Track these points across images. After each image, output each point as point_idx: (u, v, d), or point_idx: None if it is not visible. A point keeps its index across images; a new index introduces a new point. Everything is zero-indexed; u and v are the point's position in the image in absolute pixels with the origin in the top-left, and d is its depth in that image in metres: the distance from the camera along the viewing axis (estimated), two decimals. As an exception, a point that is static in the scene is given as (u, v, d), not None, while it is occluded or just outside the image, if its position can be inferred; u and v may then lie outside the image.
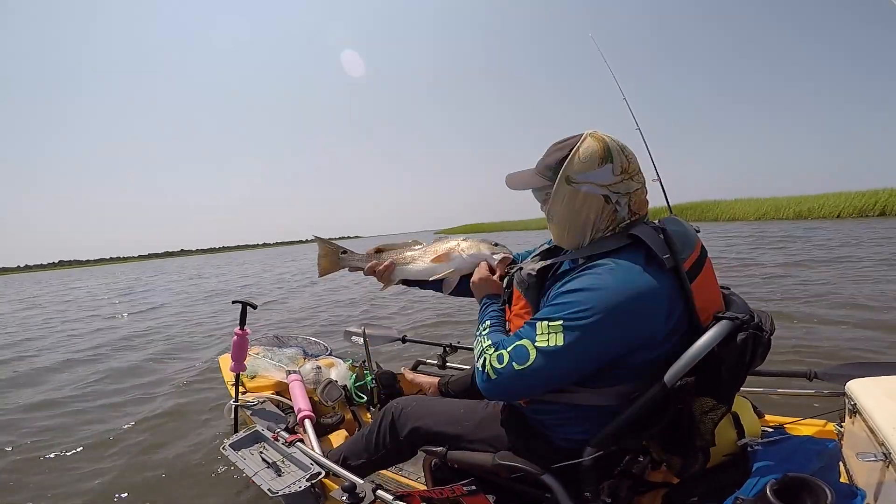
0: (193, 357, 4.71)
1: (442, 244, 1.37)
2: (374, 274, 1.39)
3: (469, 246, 1.32)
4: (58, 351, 5.64)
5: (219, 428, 2.72)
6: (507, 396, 0.98)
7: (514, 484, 1.06)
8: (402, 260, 1.40)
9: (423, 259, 1.37)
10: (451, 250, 1.33)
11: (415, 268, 1.38)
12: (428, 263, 1.35)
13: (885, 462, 0.92)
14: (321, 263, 1.48)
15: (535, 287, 1.02)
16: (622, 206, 0.94)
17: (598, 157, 0.92)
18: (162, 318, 7.88)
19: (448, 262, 1.32)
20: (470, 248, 1.31)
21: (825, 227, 14.05)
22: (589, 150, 0.92)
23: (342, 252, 1.47)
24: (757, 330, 0.90)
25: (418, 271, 1.38)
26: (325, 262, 1.48)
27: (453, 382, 1.69)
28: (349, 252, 1.47)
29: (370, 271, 1.40)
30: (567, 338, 0.83)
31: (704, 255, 0.95)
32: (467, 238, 1.35)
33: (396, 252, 1.42)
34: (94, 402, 3.48)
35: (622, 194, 0.94)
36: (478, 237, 1.36)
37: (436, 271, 1.34)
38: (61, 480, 2.29)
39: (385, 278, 1.39)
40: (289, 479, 1.30)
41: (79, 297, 12.81)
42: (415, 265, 1.38)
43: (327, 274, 1.49)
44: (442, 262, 1.33)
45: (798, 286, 5.36)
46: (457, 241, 1.35)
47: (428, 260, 1.35)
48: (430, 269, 1.35)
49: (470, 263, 1.29)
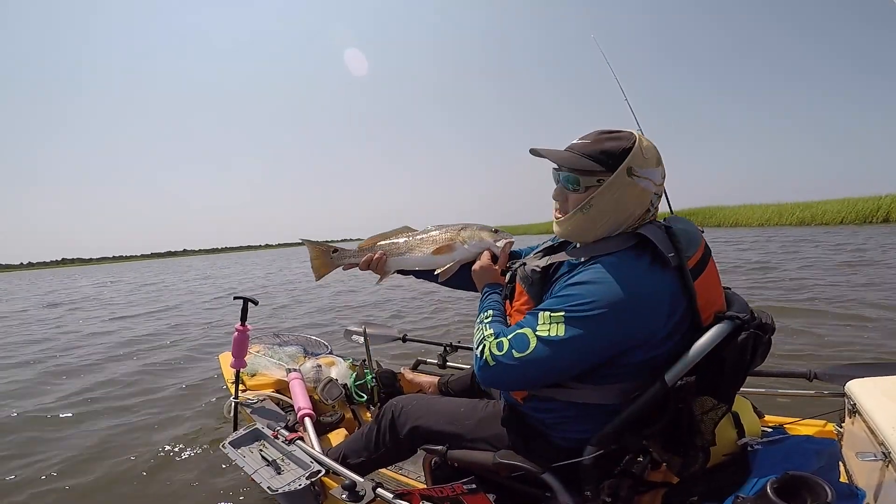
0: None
1: (440, 233, 1.31)
2: (370, 267, 1.37)
3: (470, 235, 1.27)
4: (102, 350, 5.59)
5: (218, 425, 2.72)
6: (504, 384, 0.97)
7: (515, 483, 1.06)
8: (397, 250, 1.35)
9: (420, 249, 1.33)
10: (453, 240, 1.28)
11: (413, 258, 1.34)
12: (428, 255, 1.31)
13: (884, 462, 0.93)
14: (315, 266, 1.46)
15: (538, 283, 1.01)
16: (654, 209, 0.97)
17: (656, 157, 0.94)
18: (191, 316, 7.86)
19: (451, 253, 1.28)
20: (472, 237, 1.27)
21: (843, 232, 13.93)
22: (650, 149, 0.93)
23: (333, 251, 1.44)
24: (758, 330, 0.90)
25: (417, 262, 1.34)
26: (318, 264, 1.45)
27: (453, 381, 1.69)
28: (340, 250, 1.44)
29: (365, 265, 1.37)
30: (568, 329, 0.83)
31: (708, 255, 0.95)
32: (466, 226, 1.30)
33: (390, 242, 1.37)
34: (95, 405, 3.48)
35: (658, 197, 0.97)
36: (475, 224, 1.31)
37: (437, 263, 1.30)
38: (54, 472, 2.29)
39: (380, 270, 1.36)
40: (288, 477, 1.30)
41: (112, 298, 12.38)
42: (412, 255, 1.34)
43: (323, 276, 1.46)
44: (444, 253, 1.29)
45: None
46: (456, 230, 1.30)
47: (428, 251, 1.31)
48: (430, 261, 1.31)
49: (473, 253, 1.26)
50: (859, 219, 18.61)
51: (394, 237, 1.38)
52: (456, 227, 1.31)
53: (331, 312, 6.85)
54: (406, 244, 1.35)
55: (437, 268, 1.30)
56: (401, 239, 1.36)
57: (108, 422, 2.98)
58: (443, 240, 1.30)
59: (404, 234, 1.37)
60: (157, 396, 3.45)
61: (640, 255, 0.89)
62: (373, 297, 7.85)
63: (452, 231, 1.30)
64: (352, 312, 6.67)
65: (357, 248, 1.41)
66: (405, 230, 1.38)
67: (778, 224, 21.40)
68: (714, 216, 25.72)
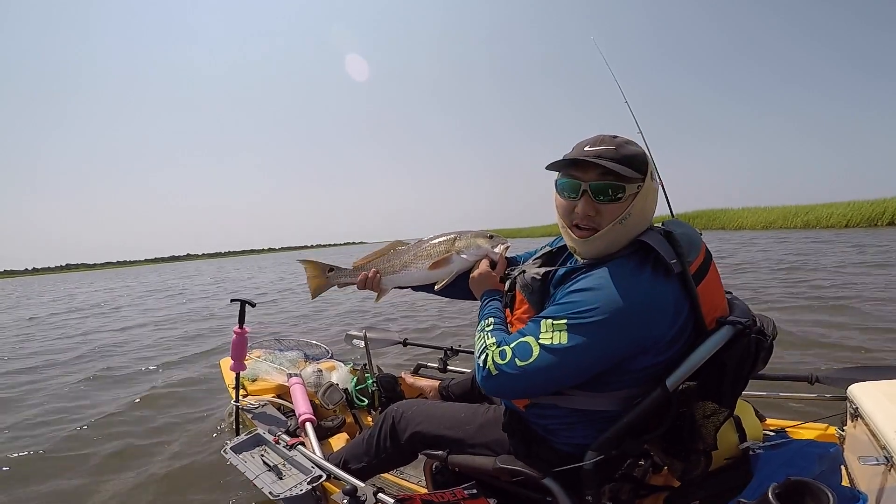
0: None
1: (434, 245, 1.29)
2: (366, 286, 1.36)
3: (466, 245, 1.25)
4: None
5: (219, 430, 2.71)
6: (508, 394, 0.96)
7: (516, 487, 1.05)
8: (392, 268, 1.34)
9: (416, 265, 1.31)
10: (449, 252, 1.26)
11: (409, 275, 1.32)
12: (425, 270, 1.29)
13: (886, 466, 0.92)
14: (311, 285, 1.47)
15: (539, 292, 0.99)
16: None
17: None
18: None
19: (448, 266, 1.27)
20: (468, 247, 1.24)
21: (861, 235, 13.78)
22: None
23: (329, 270, 1.45)
24: (759, 335, 0.90)
25: (414, 279, 1.32)
26: (314, 283, 1.47)
27: (454, 386, 1.69)
28: (336, 269, 1.44)
29: (361, 284, 1.36)
30: (571, 337, 0.82)
31: (709, 259, 0.94)
32: (460, 234, 1.27)
33: (384, 259, 1.36)
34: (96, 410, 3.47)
35: None
36: (469, 231, 1.28)
37: (435, 277, 1.28)
38: (59, 479, 2.29)
39: (377, 288, 1.36)
40: (290, 482, 1.30)
41: (152, 307, 11.30)
42: (408, 272, 1.32)
43: (319, 294, 1.48)
44: (441, 267, 1.27)
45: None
46: (450, 240, 1.27)
47: (424, 266, 1.29)
48: (427, 276, 1.29)
49: (470, 262, 1.24)
50: (865, 222, 18.39)
51: (388, 255, 1.37)
52: (450, 237, 1.28)
53: (332, 315, 6.84)
54: (401, 261, 1.33)
55: (435, 282, 1.29)
56: (396, 257, 1.35)
57: (127, 428, 2.97)
58: (438, 253, 1.27)
59: (396, 252, 1.35)
60: (158, 395, 3.45)
61: (642, 263, 0.88)
62: (367, 303, 7.71)
63: (447, 242, 1.28)
64: (358, 317, 6.64)
65: (352, 266, 1.41)
66: (397, 244, 1.37)
67: (783, 227, 21.25)
68: (717, 219, 25.54)
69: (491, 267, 1.20)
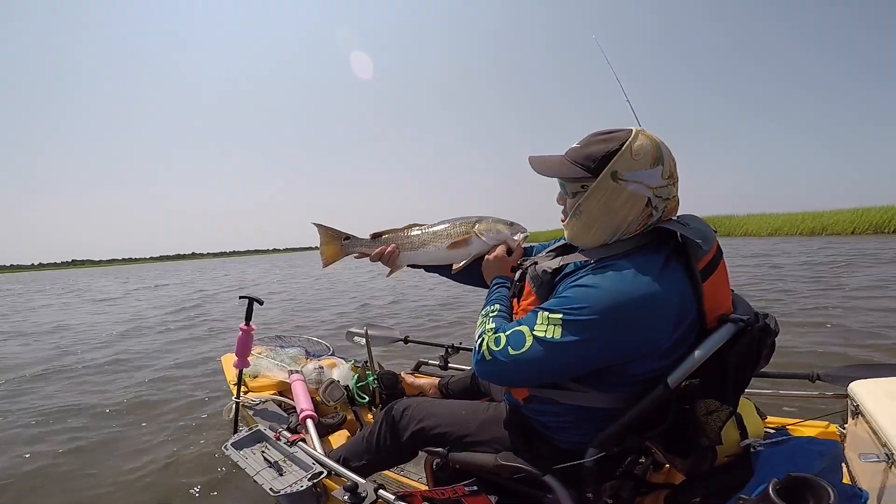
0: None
1: (455, 226, 1.27)
2: (381, 259, 1.34)
3: (487, 228, 1.24)
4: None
5: (220, 427, 2.72)
6: (499, 380, 0.97)
7: (516, 485, 1.06)
8: (410, 244, 1.32)
9: (435, 244, 1.29)
10: (469, 234, 1.25)
11: (427, 253, 1.30)
12: (444, 249, 1.27)
13: (887, 463, 0.92)
14: (324, 252, 1.41)
15: (547, 285, 0.98)
16: (658, 210, 0.91)
17: (652, 157, 0.88)
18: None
19: (466, 247, 1.25)
20: (489, 231, 1.23)
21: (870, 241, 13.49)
22: (643, 149, 0.87)
23: (345, 238, 1.41)
24: (762, 332, 0.90)
25: (432, 257, 1.30)
26: (328, 249, 1.41)
27: (453, 382, 1.69)
28: (353, 237, 1.40)
29: (377, 257, 1.34)
30: (564, 333, 0.82)
31: (720, 256, 0.93)
32: (481, 218, 1.26)
33: (403, 235, 1.34)
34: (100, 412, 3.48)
35: (662, 199, 0.90)
36: (490, 216, 1.27)
37: (452, 257, 1.27)
38: (57, 472, 2.30)
39: (392, 263, 1.34)
40: (290, 478, 1.30)
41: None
42: (426, 250, 1.30)
43: (332, 262, 1.42)
44: (460, 248, 1.25)
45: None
46: (471, 223, 1.26)
47: (443, 245, 1.27)
48: (445, 256, 1.28)
49: (489, 246, 1.23)
50: (871, 229, 18.20)
51: (406, 231, 1.34)
52: (470, 220, 1.27)
53: (333, 312, 6.84)
54: (420, 238, 1.31)
55: (451, 262, 1.28)
56: (414, 232, 1.32)
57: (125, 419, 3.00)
58: (458, 233, 1.26)
59: (416, 228, 1.33)
60: (158, 395, 3.46)
61: (650, 260, 0.86)
62: (367, 302, 7.76)
63: (467, 224, 1.27)
64: (354, 312, 6.65)
65: (370, 236, 1.38)
66: (413, 226, 1.35)
67: (789, 234, 21.05)
68: (722, 225, 25.02)
69: (507, 254, 1.20)
